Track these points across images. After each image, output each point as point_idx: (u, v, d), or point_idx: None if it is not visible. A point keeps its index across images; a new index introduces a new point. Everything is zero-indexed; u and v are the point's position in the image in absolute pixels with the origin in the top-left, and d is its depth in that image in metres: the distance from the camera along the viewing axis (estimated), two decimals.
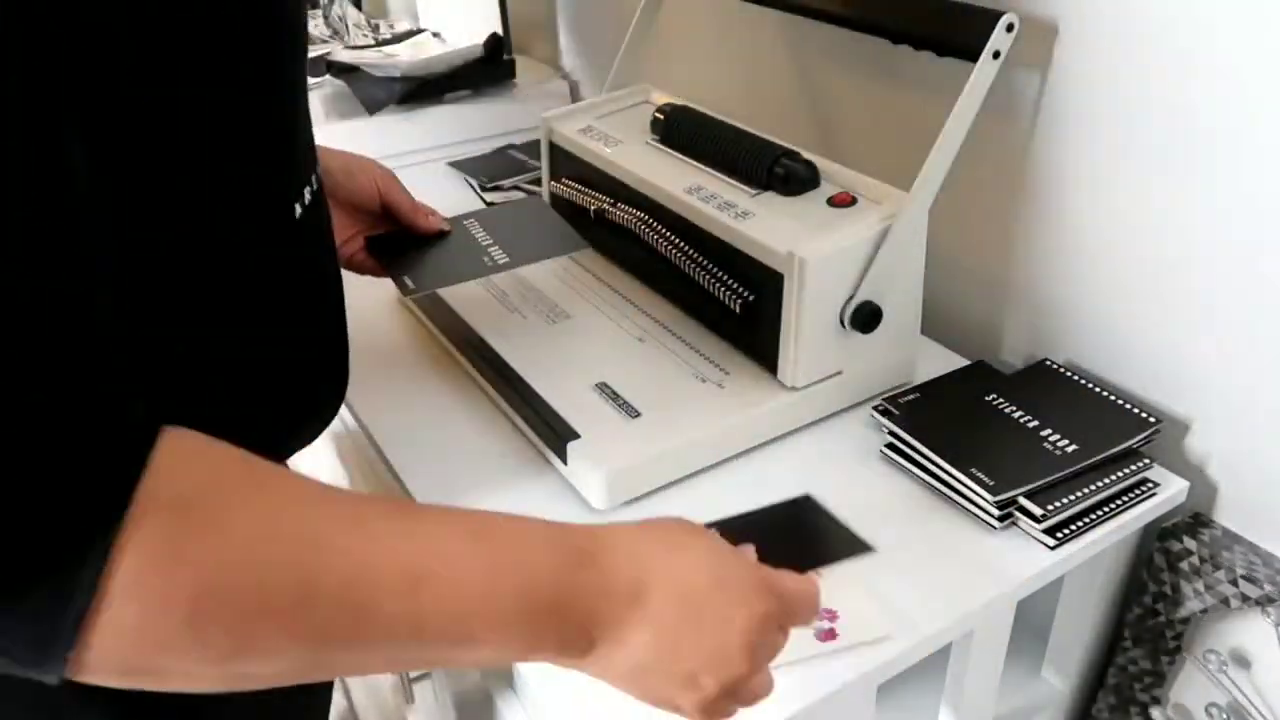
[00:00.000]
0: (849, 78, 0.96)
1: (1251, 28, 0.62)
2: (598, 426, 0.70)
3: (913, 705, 0.78)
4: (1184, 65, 0.67)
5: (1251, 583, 0.69)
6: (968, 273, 0.88)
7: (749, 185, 0.79)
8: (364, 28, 1.70)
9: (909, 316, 0.79)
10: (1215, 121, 0.66)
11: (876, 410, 0.76)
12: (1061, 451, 0.69)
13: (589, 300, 0.87)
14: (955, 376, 0.81)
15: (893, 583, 0.62)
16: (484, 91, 1.40)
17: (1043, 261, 0.82)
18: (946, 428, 0.72)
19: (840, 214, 0.75)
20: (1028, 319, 0.85)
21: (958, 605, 0.61)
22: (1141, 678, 0.78)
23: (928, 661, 0.61)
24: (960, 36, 0.71)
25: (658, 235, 0.82)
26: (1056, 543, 0.65)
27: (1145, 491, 0.69)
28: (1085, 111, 0.74)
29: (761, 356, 0.76)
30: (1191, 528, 0.73)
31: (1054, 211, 0.79)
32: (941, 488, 0.69)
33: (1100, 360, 0.79)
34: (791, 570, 0.50)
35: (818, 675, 0.56)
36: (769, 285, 0.72)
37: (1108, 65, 0.71)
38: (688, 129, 0.86)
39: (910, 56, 0.77)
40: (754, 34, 1.07)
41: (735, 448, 0.73)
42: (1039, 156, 0.79)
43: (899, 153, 0.92)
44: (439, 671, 0.92)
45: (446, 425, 0.78)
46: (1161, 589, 0.75)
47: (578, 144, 0.91)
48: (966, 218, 0.86)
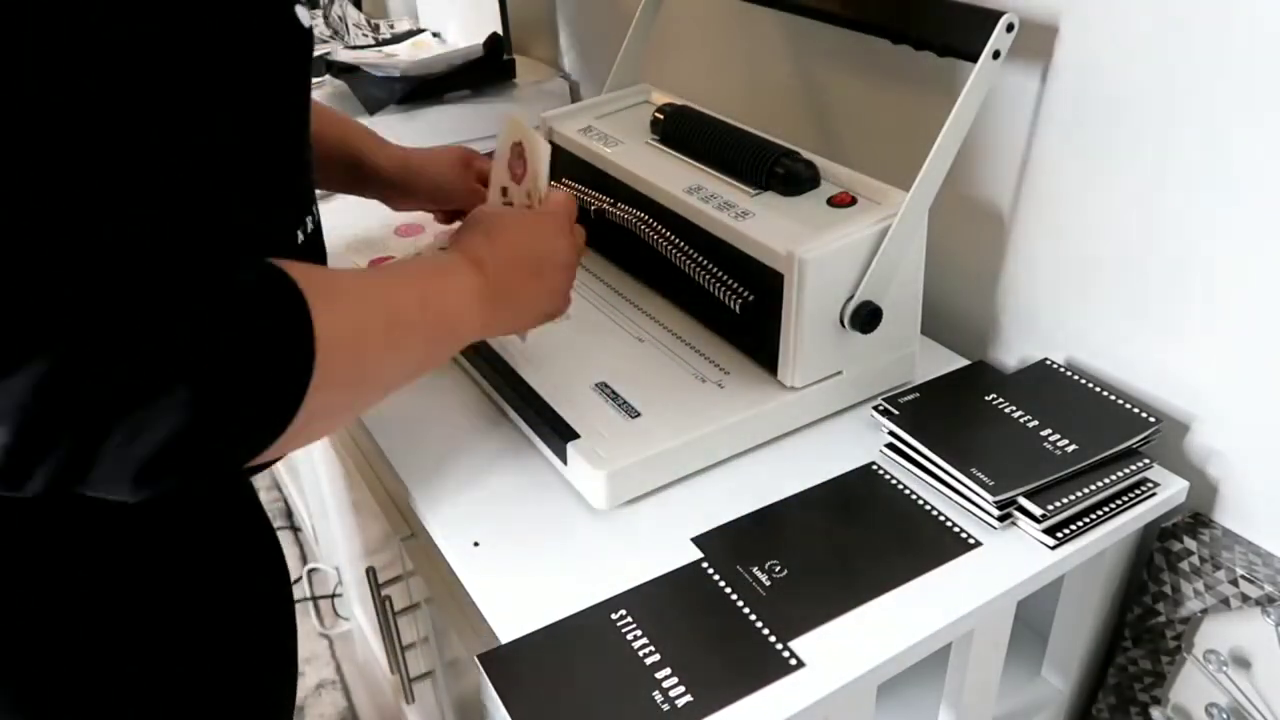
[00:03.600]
0: (849, 78, 0.96)
1: (1252, 28, 0.62)
2: (598, 426, 0.70)
3: (913, 705, 0.78)
4: (1184, 65, 0.67)
5: (1251, 583, 0.69)
6: (968, 273, 0.88)
7: (749, 185, 0.79)
8: (364, 28, 1.70)
9: (909, 316, 0.79)
10: (1216, 121, 0.66)
11: (876, 410, 0.76)
12: (1061, 451, 0.69)
13: (589, 300, 0.87)
14: (955, 376, 0.81)
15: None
16: (484, 91, 1.40)
17: (1043, 261, 0.82)
18: (946, 428, 0.72)
19: (840, 214, 0.75)
20: (1028, 319, 0.85)
21: (958, 605, 0.61)
22: (1141, 678, 0.78)
23: (928, 661, 0.61)
24: (960, 36, 0.71)
25: (658, 235, 0.82)
26: (1056, 543, 0.65)
27: (1145, 491, 0.69)
28: (1085, 111, 0.74)
29: (761, 356, 0.76)
30: (1191, 528, 0.73)
31: (1054, 211, 0.79)
32: (941, 488, 0.69)
33: (1100, 360, 0.79)
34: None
35: (818, 675, 0.56)
36: (769, 285, 0.72)
37: (1108, 65, 0.71)
38: (688, 129, 0.86)
39: (910, 56, 0.77)
40: (754, 34, 1.07)
41: (735, 448, 0.73)
42: (1038, 156, 0.79)
43: (899, 153, 0.92)
44: (439, 671, 0.92)
45: (446, 425, 0.78)
46: (1161, 589, 0.75)
47: (578, 144, 0.91)
48: (966, 218, 0.86)
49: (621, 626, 0.59)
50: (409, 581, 0.88)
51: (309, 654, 1.68)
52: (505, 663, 0.58)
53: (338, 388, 0.48)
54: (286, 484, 1.92)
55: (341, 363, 0.48)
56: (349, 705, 1.58)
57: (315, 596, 1.72)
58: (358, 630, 1.45)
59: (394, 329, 0.53)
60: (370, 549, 1.08)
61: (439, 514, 0.69)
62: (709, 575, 0.63)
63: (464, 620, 0.78)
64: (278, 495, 2.05)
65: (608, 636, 0.59)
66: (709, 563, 0.64)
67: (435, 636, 0.87)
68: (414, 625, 0.94)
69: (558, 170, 0.95)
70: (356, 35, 1.69)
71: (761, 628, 0.59)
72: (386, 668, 1.15)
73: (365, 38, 1.67)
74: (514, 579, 0.64)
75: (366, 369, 0.51)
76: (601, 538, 0.67)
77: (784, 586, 0.62)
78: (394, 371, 0.54)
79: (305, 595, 1.77)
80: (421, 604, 0.87)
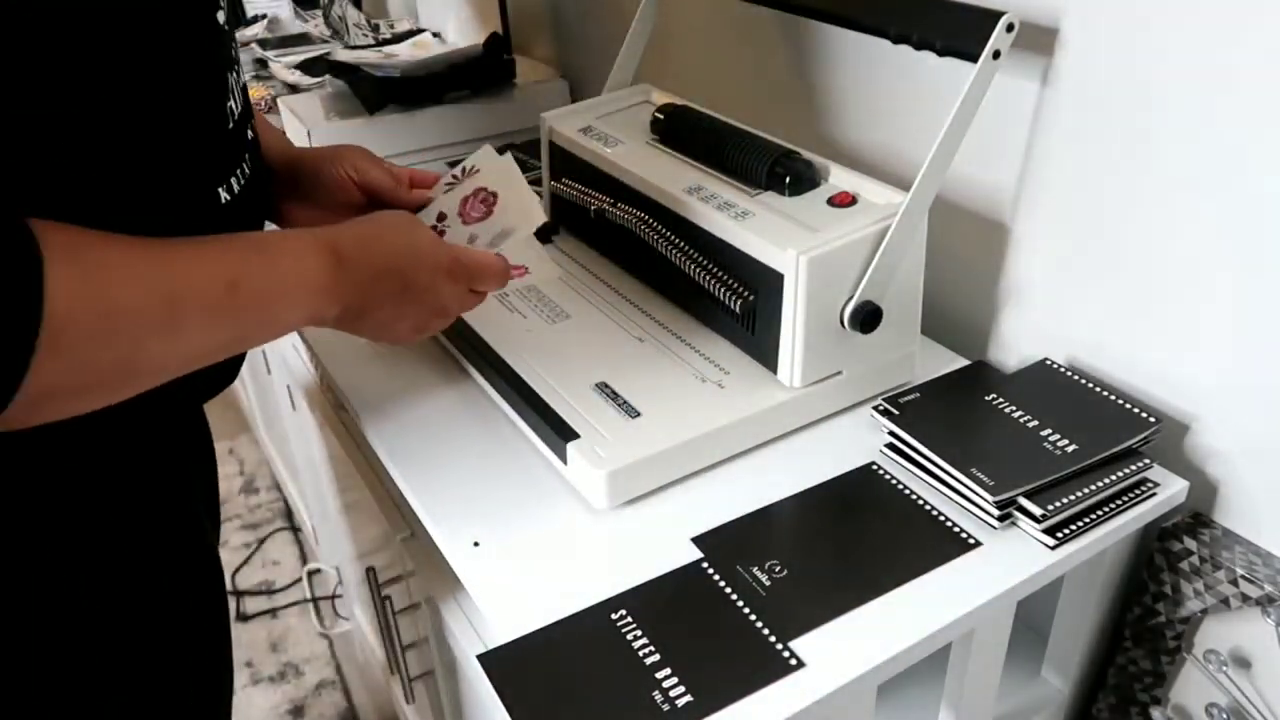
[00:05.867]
0: (849, 78, 0.96)
1: (1253, 28, 0.62)
2: (598, 426, 0.70)
3: (913, 705, 0.78)
4: (1185, 65, 0.67)
5: (1251, 583, 0.69)
6: (968, 273, 0.88)
7: (749, 185, 0.79)
8: (364, 28, 1.70)
9: (909, 317, 0.79)
10: (1216, 121, 0.66)
11: (876, 410, 0.76)
12: (1061, 451, 0.69)
13: (589, 300, 0.87)
14: (955, 376, 0.81)
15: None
16: (484, 91, 1.40)
17: (1043, 261, 0.82)
18: (946, 428, 0.72)
19: (840, 214, 0.75)
20: (1028, 319, 0.85)
21: (958, 605, 0.61)
22: (1141, 678, 0.78)
23: (928, 661, 0.61)
24: (960, 36, 0.71)
25: (658, 235, 0.82)
26: (1056, 543, 0.65)
27: (1145, 491, 0.69)
28: (1085, 111, 0.74)
29: (761, 356, 0.76)
30: (1191, 528, 0.73)
31: (1054, 211, 0.79)
32: (941, 488, 0.69)
33: (1100, 360, 0.79)
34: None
35: (818, 675, 0.56)
36: (769, 285, 0.72)
37: (1108, 65, 0.71)
38: (688, 129, 0.86)
39: (910, 56, 0.77)
40: (754, 34, 1.07)
41: (735, 448, 0.73)
42: (1038, 156, 0.79)
43: (899, 153, 0.92)
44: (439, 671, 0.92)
45: (446, 426, 0.78)
46: (1161, 589, 0.75)
47: (578, 144, 0.91)
48: (966, 218, 0.87)
49: (621, 626, 0.59)
50: (409, 581, 0.88)
51: (309, 654, 1.68)
52: (505, 663, 0.58)
53: (79, 367, 0.44)
54: (286, 484, 1.93)
55: (84, 339, 0.44)
56: (349, 705, 1.59)
57: (315, 597, 1.73)
58: (358, 630, 1.45)
59: (176, 308, 0.48)
60: (370, 549, 1.08)
61: (439, 514, 0.69)
62: (709, 575, 0.63)
63: (464, 620, 0.78)
64: (278, 495, 2.05)
65: (608, 636, 0.59)
66: (709, 563, 0.64)
67: (435, 636, 0.87)
68: (414, 625, 0.94)
69: (558, 170, 0.96)
70: (356, 35, 1.69)
71: (761, 628, 0.59)
72: (386, 668, 1.15)
73: (365, 38, 1.67)
74: (514, 579, 0.64)
75: (123, 350, 0.46)
76: (601, 538, 0.67)
77: (784, 586, 0.62)
78: (170, 356, 0.50)
79: (305, 596, 1.77)
80: (421, 604, 0.87)
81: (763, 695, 0.55)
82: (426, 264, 0.64)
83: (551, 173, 0.97)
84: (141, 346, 0.47)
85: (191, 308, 0.49)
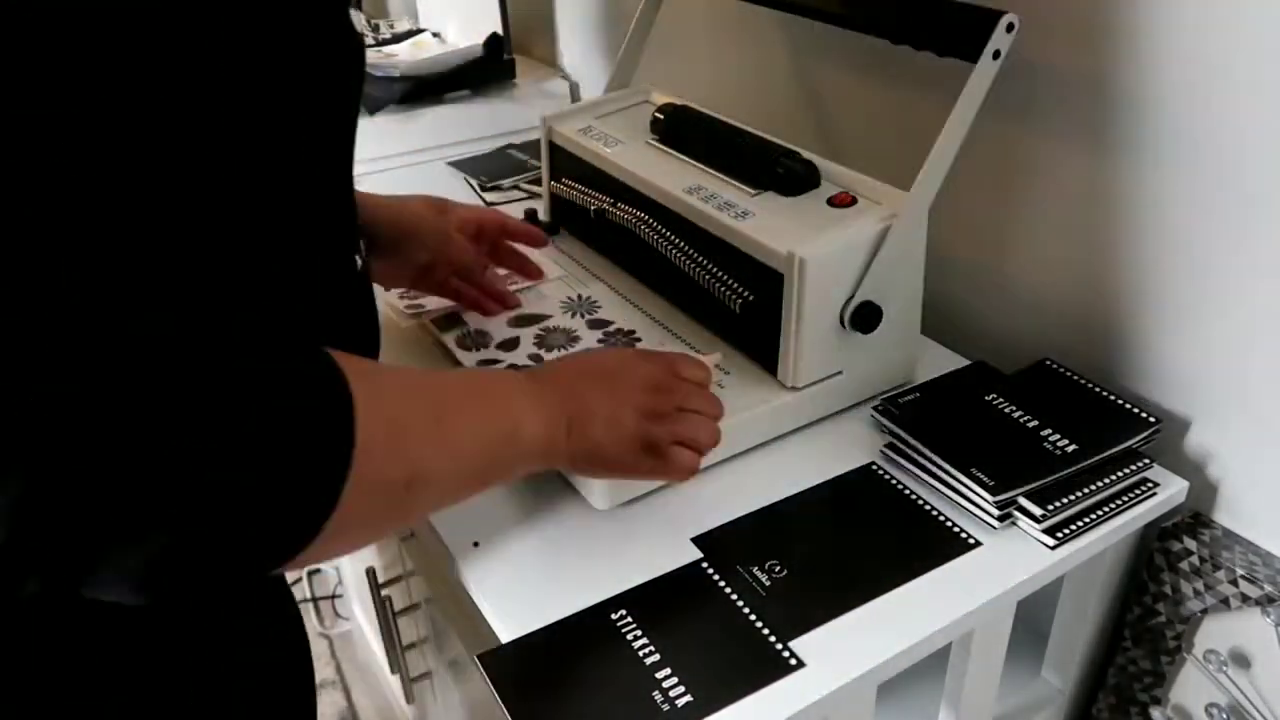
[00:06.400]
0: (849, 78, 0.96)
1: (1253, 28, 0.62)
2: None
3: (913, 705, 0.78)
4: (1185, 65, 0.67)
5: (1251, 583, 0.69)
6: (968, 273, 0.88)
7: (749, 185, 0.79)
8: (364, 28, 1.70)
9: (909, 316, 0.79)
10: (1216, 120, 0.66)
11: (876, 410, 0.76)
12: (1061, 451, 0.69)
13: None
14: (955, 376, 0.81)
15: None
16: (484, 91, 1.40)
17: (1043, 261, 0.82)
18: (946, 428, 0.72)
19: (840, 214, 0.75)
20: (1028, 319, 0.85)
21: (957, 605, 0.61)
22: (1141, 678, 0.78)
23: (928, 661, 0.61)
24: (960, 36, 0.71)
25: (658, 235, 0.82)
26: (1056, 543, 0.65)
27: (1145, 491, 0.69)
28: (1084, 111, 0.74)
29: (761, 356, 0.76)
30: (1191, 528, 0.73)
31: (1054, 211, 0.79)
32: (941, 488, 0.69)
33: (1100, 360, 0.79)
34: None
35: (818, 675, 0.56)
36: (769, 285, 0.72)
37: (1108, 65, 0.71)
38: (688, 129, 0.86)
39: (910, 56, 0.77)
40: (754, 34, 1.07)
41: (735, 448, 0.73)
42: (1039, 156, 0.79)
43: (899, 153, 0.92)
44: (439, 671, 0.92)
45: None
46: (1161, 589, 0.75)
47: (578, 144, 0.91)
48: (966, 218, 0.86)
49: (621, 626, 0.59)
50: (409, 581, 0.88)
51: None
52: (505, 663, 0.58)
53: (380, 487, 0.44)
54: None
55: (379, 456, 0.43)
56: (349, 705, 1.59)
57: (315, 597, 1.72)
58: (358, 630, 1.45)
59: (444, 417, 0.49)
60: (370, 549, 1.08)
61: (439, 514, 0.69)
62: (709, 575, 0.63)
63: (464, 620, 0.78)
64: None
65: (608, 636, 0.59)
66: (709, 563, 0.64)
67: (435, 636, 0.87)
68: (414, 625, 0.94)
69: (558, 170, 0.96)
70: None
71: (761, 628, 0.59)
72: (386, 668, 1.15)
73: (365, 38, 1.67)
74: (514, 579, 0.64)
75: (408, 466, 0.46)
76: (601, 538, 0.67)
77: (784, 586, 0.62)
78: (445, 469, 0.49)
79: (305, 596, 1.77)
80: (421, 604, 0.87)
81: (762, 695, 0.55)
82: (611, 354, 0.68)
83: (551, 173, 0.97)
84: (422, 460, 0.47)
85: (452, 413, 0.51)
